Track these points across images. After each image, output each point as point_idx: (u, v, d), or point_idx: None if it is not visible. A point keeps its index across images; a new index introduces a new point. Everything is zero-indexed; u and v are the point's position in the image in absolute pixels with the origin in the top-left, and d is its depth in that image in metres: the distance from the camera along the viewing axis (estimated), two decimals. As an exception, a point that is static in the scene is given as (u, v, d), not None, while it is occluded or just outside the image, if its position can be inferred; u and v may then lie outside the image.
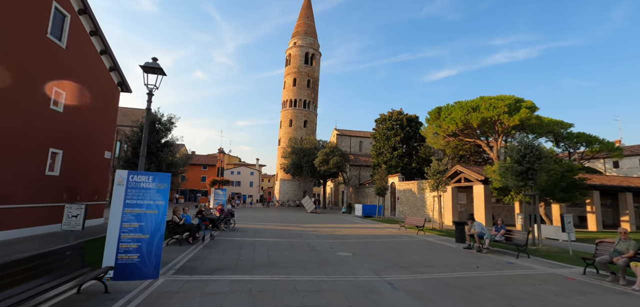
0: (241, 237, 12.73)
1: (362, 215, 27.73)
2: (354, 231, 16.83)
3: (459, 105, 28.81)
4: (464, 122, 27.27)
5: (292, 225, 18.75)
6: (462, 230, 12.96)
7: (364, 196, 43.78)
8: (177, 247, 9.80)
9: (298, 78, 53.95)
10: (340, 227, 18.99)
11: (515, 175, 12.22)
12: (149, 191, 6.34)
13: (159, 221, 6.31)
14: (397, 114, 38.70)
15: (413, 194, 28.54)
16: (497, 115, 25.64)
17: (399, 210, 30.60)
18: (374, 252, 10.50)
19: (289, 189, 51.58)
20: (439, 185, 18.11)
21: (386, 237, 14.50)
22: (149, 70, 6.98)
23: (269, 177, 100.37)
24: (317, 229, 17.20)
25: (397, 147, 36.69)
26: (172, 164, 12.13)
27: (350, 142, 57.81)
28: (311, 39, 56.21)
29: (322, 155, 36.73)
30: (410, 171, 35.91)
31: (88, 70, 13.85)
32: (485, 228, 11.27)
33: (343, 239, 13.37)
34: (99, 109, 14.88)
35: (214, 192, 18.72)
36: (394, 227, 19.53)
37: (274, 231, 15.27)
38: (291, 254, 9.53)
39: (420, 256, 9.92)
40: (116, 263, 5.89)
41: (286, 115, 53.50)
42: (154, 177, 6.43)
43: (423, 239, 14.16)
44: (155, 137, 11.92)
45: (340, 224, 20.67)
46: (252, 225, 17.89)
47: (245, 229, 15.84)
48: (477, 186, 20.45)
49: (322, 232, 15.56)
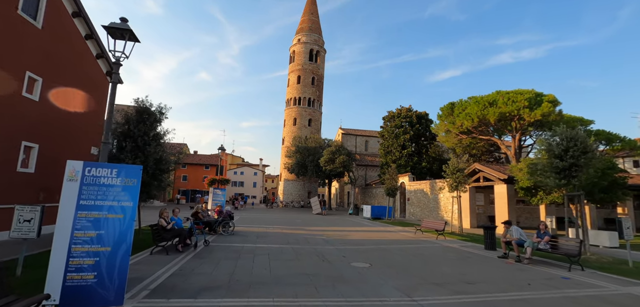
0: (240, 243, 11.18)
1: (371, 217, 26.07)
2: (366, 235, 15.21)
3: (474, 100, 27.06)
4: (480, 118, 25.53)
5: (297, 228, 17.19)
6: (492, 235, 11.29)
7: (371, 196, 42.09)
8: (163, 256, 8.27)
9: (302, 75, 52.41)
10: (350, 230, 17.38)
11: (555, 172, 10.52)
12: (112, 189, 4.80)
13: (125, 227, 4.77)
14: (405, 111, 36.95)
15: (425, 194, 26.83)
16: (517, 110, 23.87)
17: (410, 211, 28.88)
18: (395, 262, 8.89)
19: (293, 190, 50.02)
20: (459, 184, 16.42)
21: (404, 243, 12.86)
22: (115, 33, 5.45)
23: (272, 177, 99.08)
24: (325, 232, 15.62)
25: (406, 145, 34.95)
26: (161, 160, 10.58)
27: (356, 141, 56.17)
28: (316, 36, 54.68)
29: (327, 154, 35.09)
30: (421, 170, 34.15)
31: (70, 55, 12.43)
32: (524, 234, 9.60)
33: (356, 245, 11.77)
34: (85, 100, 13.46)
35: (212, 192, 17.24)
36: (408, 230, 17.87)
37: (277, 236, 13.72)
38: (298, 266, 7.96)
39: (452, 268, 8.29)
40: (64, 286, 4.36)
41: (290, 113, 51.98)
42: (120, 171, 4.89)
43: (446, 245, 12.51)
44: (142, 129, 10.42)
45: (349, 227, 19.06)
46: (253, 228, 16.36)
47: (245, 232, 14.30)
48: (498, 186, 18.73)
49: (331, 237, 13.97)
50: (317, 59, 54.10)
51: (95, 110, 14.09)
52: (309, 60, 53.02)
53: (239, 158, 79.65)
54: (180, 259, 8.14)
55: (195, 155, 61.35)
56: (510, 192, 18.06)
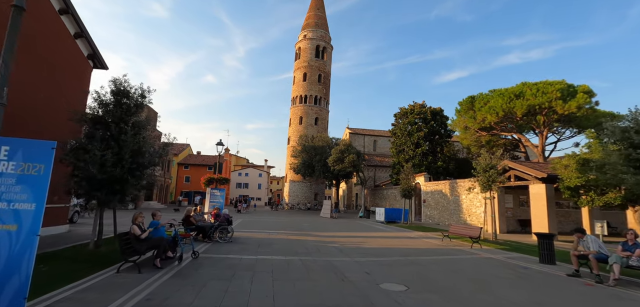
0: (238, 254, 9.14)
1: (384, 220, 23.87)
2: (386, 243, 13.08)
3: (497, 92, 24.77)
4: (505, 112, 23.23)
5: (305, 234, 15.12)
6: (549, 246, 9.08)
7: (381, 198, 39.83)
8: (132, 276, 6.26)
9: (308, 73, 50.42)
10: (366, 236, 15.24)
11: (635, 166, 8.29)
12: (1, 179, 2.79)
13: (19, 248, 2.77)
14: (419, 107, 34.67)
15: (444, 195, 24.54)
16: (548, 101, 21.54)
17: (426, 214, 26.60)
18: (437, 283, 6.75)
19: (299, 191, 47.95)
20: (493, 183, 14.19)
21: (435, 254, 10.69)
22: None
23: (278, 179, 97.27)
24: (337, 239, 13.52)
25: (420, 143, 32.66)
26: (139, 152, 8.59)
27: (364, 141, 53.94)
28: (322, 32, 52.67)
29: (336, 152, 32.92)
30: (436, 170, 31.82)
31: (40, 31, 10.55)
32: (604, 246, 7.39)
33: (378, 257, 9.65)
34: (61, 86, 11.60)
35: (209, 192, 15.27)
36: (432, 236, 15.66)
37: (283, 244, 11.67)
38: (311, 290, 5.88)
39: (518, 294, 6.12)
40: None
41: (296, 112, 50.00)
42: (13, 149, 2.88)
43: (487, 256, 10.31)
44: (118, 113, 8.47)
45: (363, 233, 16.92)
46: (255, 233, 14.33)
47: (246, 239, 12.27)
48: (535, 186, 16.42)
49: (346, 245, 11.86)
50: (324, 55, 52.10)
51: (76, 99, 12.18)
52: (315, 57, 51.04)
53: (244, 159, 77.93)
54: (155, 279, 6.12)
55: (198, 155, 59.75)
56: (549, 192, 15.74)
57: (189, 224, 11.04)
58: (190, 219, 11.17)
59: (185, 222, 11.06)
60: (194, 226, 11.27)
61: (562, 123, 25.78)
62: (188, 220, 11.16)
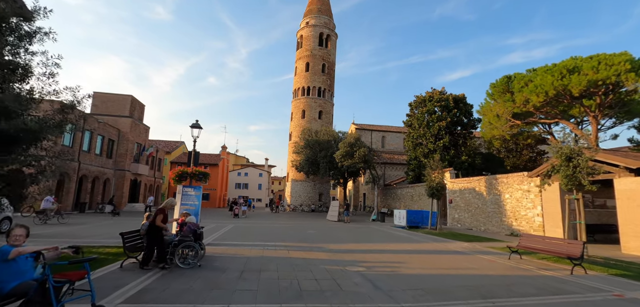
0: (197, 300, 5.00)
1: (406, 225, 19.66)
2: (433, 264, 8.88)
3: (543, 69, 20.49)
4: (556, 90, 18.93)
5: (312, 247, 10.99)
6: None
7: (394, 198, 35.62)
8: None
9: (311, 62, 46.24)
10: (395, 251, 11.07)
11: None
12: None
13: None
14: (438, 94, 30.41)
15: (478, 195, 20.30)
16: (616, 75, 17.23)
17: (454, 217, 22.37)
18: None
19: (302, 191, 43.72)
20: (582, 177, 9.95)
21: (521, 285, 6.45)
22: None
23: (279, 179, 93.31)
24: (359, 257, 9.35)
25: (441, 135, 28.43)
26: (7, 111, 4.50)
27: (371, 137, 49.76)
28: (326, 18, 48.51)
29: (344, 146, 28.68)
30: (460, 165, 27.53)
31: None
32: None
33: (443, 302, 5.49)
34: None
35: (181, 191, 11.17)
36: (489, 249, 11.45)
37: (280, 266, 7.53)
38: None
39: None
40: None
41: (298, 105, 45.82)
42: None
43: (618, 289, 6.11)
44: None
45: (389, 245, 12.73)
46: (244, 248, 10.21)
47: (227, 259, 8.15)
48: (622, 181, 12.21)
49: (375, 269, 7.68)
50: (328, 44, 47.90)
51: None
52: (318, 45, 46.85)
53: (243, 158, 73.91)
54: None
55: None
56: (645, 189, 11.50)
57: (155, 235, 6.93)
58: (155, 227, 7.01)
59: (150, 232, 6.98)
60: (139, 241, 7.19)
61: (615, 107, 21.55)
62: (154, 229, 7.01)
